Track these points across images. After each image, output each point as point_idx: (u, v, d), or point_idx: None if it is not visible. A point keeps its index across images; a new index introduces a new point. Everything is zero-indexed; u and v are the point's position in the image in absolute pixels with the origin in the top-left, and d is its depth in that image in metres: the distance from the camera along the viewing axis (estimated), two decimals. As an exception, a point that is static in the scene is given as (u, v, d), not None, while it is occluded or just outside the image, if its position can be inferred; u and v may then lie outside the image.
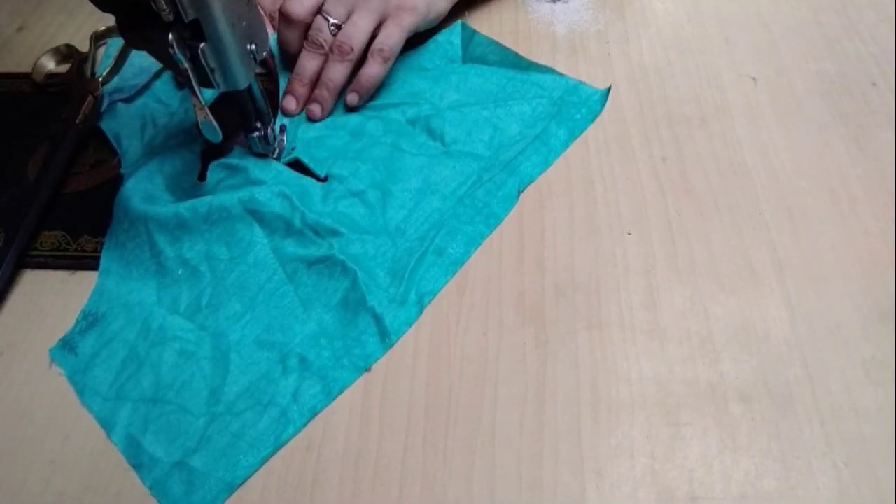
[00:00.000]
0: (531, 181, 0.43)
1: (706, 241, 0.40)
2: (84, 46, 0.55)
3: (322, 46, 0.47)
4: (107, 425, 0.36)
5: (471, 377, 0.36)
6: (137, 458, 0.35)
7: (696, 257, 0.39)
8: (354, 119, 0.47)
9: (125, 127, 0.49)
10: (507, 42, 0.53)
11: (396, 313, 0.38)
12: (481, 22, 0.54)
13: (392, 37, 0.47)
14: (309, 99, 0.48)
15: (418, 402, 0.35)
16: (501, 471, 0.33)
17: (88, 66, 0.53)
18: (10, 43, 0.58)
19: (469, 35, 0.52)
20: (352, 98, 0.47)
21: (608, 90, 0.47)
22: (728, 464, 0.32)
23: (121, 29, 0.37)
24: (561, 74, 0.49)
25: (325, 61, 0.47)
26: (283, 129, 0.46)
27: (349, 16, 0.47)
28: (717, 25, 0.52)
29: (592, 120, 0.46)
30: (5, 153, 0.48)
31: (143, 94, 0.51)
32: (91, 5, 0.35)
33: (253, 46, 0.39)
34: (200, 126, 0.38)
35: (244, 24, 0.37)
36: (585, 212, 0.42)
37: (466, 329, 0.38)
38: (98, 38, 0.56)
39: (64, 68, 0.54)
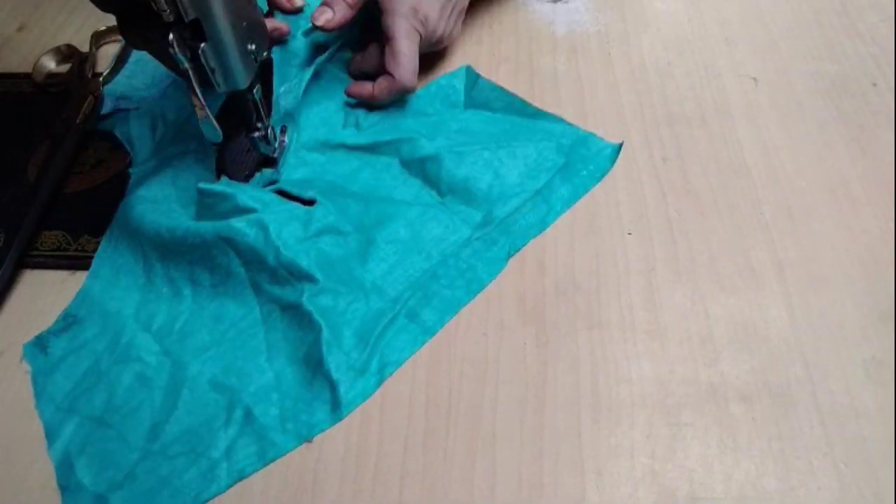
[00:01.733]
0: (524, 244, 0.40)
1: (706, 241, 0.40)
2: (84, 46, 0.55)
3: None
4: (50, 436, 0.36)
5: (471, 377, 0.36)
6: (65, 480, 0.34)
7: (696, 257, 0.39)
8: (346, 165, 0.45)
9: (136, 128, 0.49)
10: (508, 42, 0.53)
11: (353, 383, 0.36)
12: (482, 22, 0.54)
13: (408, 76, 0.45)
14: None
15: (418, 402, 0.35)
16: (501, 471, 0.33)
17: (88, 66, 0.53)
18: (10, 43, 0.58)
19: (473, 79, 0.49)
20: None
21: (620, 145, 0.44)
22: (728, 464, 0.32)
23: (121, 29, 0.37)
24: (570, 124, 0.46)
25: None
26: (283, 129, 0.46)
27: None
28: (717, 25, 0.52)
29: (599, 178, 0.43)
30: (5, 153, 0.48)
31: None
32: (91, 5, 0.35)
33: (253, 46, 0.39)
34: (200, 126, 0.38)
35: (244, 24, 0.37)
36: (585, 212, 0.42)
37: (466, 329, 0.38)
38: (98, 38, 0.56)
39: (64, 68, 0.54)
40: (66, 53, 0.55)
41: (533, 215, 0.41)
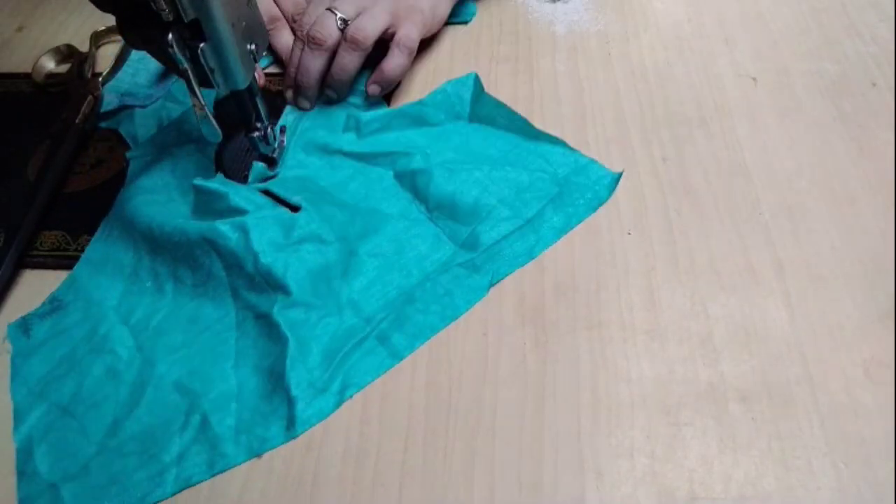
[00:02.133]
0: (508, 273, 0.39)
1: (706, 241, 0.40)
2: (84, 46, 0.55)
3: (324, 42, 0.45)
4: (17, 419, 0.36)
5: (471, 377, 0.36)
6: (23, 466, 0.34)
7: (696, 257, 0.39)
8: (339, 172, 0.45)
9: (141, 127, 0.49)
10: (508, 42, 0.53)
11: (311, 401, 0.35)
12: (481, 23, 0.54)
13: (413, 33, 0.46)
14: (320, 95, 0.48)
15: (418, 402, 0.35)
16: (501, 471, 0.33)
17: (88, 65, 0.53)
18: (10, 43, 0.58)
19: (478, 91, 0.48)
20: (373, 89, 0.47)
21: (620, 174, 0.43)
22: (728, 464, 0.32)
23: (121, 29, 0.37)
24: (572, 149, 0.44)
25: (331, 58, 0.46)
26: (283, 129, 0.46)
27: (358, 14, 0.46)
28: (717, 25, 0.52)
29: (596, 207, 0.42)
30: (5, 153, 0.48)
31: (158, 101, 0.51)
32: (91, 5, 0.35)
33: (253, 46, 0.39)
34: (200, 125, 0.39)
35: (244, 24, 0.37)
36: (585, 212, 0.42)
37: (466, 329, 0.38)
38: (98, 38, 0.56)
39: (64, 68, 0.54)
40: (66, 53, 0.55)
41: (521, 244, 0.40)
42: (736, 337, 0.36)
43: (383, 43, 0.47)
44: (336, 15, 0.45)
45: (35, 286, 0.42)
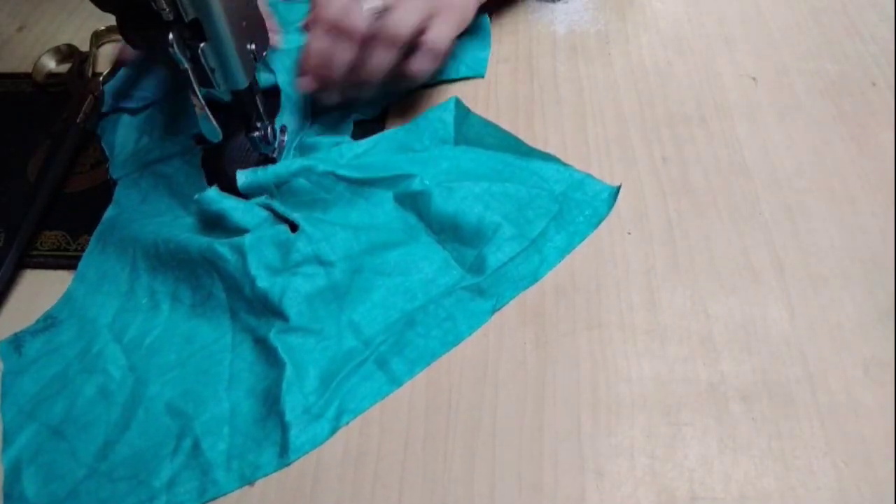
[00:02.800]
0: (511, 298, 0.38)
1: (706, 241, 0.40)
2: (84, 46, 0.55)
3: (355, 33, 0.41)
4: (6, 439, 0.35)
5: (471, 378, 0.36)
6: (10, 489, 0.34)
7: (696, 257, 0.39)
8: (337, 203, 0.42)
9: (121, 136, 0.48)
10: (508, 42, 0.53)
11: (305, 428, 0.34)
12: (481, 22, 0.54)
13: (445, 34, 0.42)
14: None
15: (418, 403, 0.35)
16: (501, 471, 0.33)
17: (88, 65, 0.53)
18: (10, 43, 0.58)
19: (463, 113, 0.46)
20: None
21: (618, 188, 0.42)
22: (728, 464, 0.32)
23: (121, 29, 0.37)
24: (566, 165, 0.43)
25: (359, 50, 0.42)
26: (283, 129, 0.46)
27: (386, 6, 0.42)
28: (717, 25, 0.52)
29: (597, 224, 0.41)
30: (5, 153, 0.48)
31: (149, 108, 0.50)
32: (91, 5, 0.35)
33: (253, 46, 0.39)
34: (200, 125, 0.39)
35: (244, 23, 0.37)
36: (585, 212, 0.42)
37: (466, 329, 0.38)
38: (98, 38, 0.56)
39: (64, 68, 0.54)
40: (66, 53, 0.55)
41: (525, 266, 0.39)
42: (736, 337, 0.36)
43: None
44: (364, 5, 0.41)
45: (35, 286, 0.42)
